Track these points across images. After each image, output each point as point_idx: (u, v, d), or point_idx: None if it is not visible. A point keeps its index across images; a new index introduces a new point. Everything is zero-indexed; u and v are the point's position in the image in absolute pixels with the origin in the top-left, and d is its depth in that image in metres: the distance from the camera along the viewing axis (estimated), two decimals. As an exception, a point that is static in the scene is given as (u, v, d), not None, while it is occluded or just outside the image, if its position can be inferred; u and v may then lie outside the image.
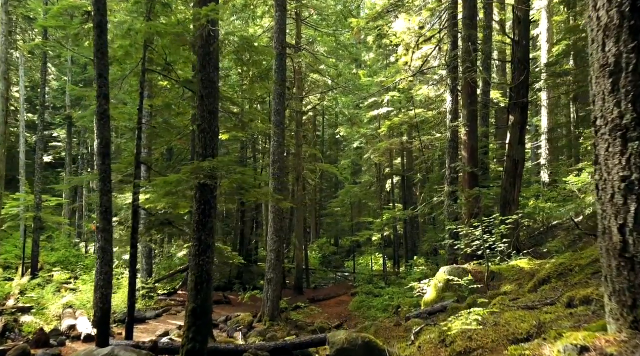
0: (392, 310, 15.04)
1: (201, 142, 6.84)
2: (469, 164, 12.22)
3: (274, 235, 13.96)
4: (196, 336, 6.43)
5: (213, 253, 6.85)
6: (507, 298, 5.09)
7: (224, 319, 13.91)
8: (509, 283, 7.52)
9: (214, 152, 6.84)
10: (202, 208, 6.75)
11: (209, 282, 6.68)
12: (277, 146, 14.09)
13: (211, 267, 6.75)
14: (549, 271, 5.54)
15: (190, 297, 6.58)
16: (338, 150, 41.24)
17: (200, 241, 6.70)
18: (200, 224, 6.73)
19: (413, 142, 22.26)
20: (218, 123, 7.07)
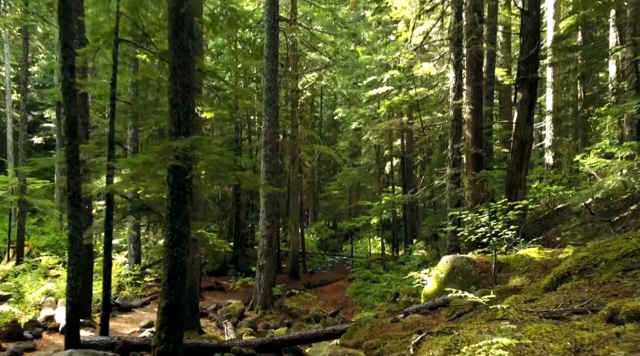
0: (390, 297, 14.42)
1: (173, 119, 6.04)
2: (472, 145, 11.43)
3: (266, 220, 13.26)
4: (169, 336, 5.74)
5: (189, 243, 6.11)
6: (522, 298, 4.38)
7: (213, 307, 13.28)
8: (517, 275, 6.82)
9: (188, 130, 6.05)
10: (175, 193, 5.99)
11: (183, 276, 5.96)
12: (269, 126, 13.28)
13: (187, 259, 6.03)
14: (569, 266, 4.83)
15: (163, 292, 5.88)
16: (336, 131, 40.35)
17: (174, 230, 5.96)
18: (173, 211, 5.98)
19: (413, 123, 21.41)
20: (193, 98, 6.26)
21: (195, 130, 6.16)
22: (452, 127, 12.33)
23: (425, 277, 8.99)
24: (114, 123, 8.09)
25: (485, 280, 7.26)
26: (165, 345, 5.70)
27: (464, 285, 7.36)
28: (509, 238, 8.40)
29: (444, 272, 7.72)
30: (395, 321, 6.60)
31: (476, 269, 7.44)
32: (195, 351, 7.37)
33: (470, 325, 3.77)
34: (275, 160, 13.53)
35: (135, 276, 14.37)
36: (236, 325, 12.04)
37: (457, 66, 12.22)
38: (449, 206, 12.23)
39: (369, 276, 18.02)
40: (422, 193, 13.41)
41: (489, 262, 7.55)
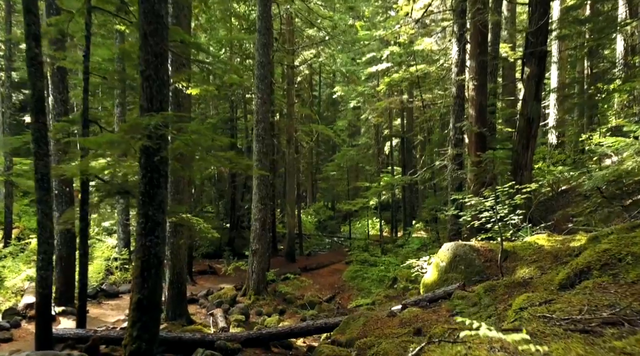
0: (388, 282, 13.97)
1: (145, 93, 5.38)
2: (476, 123, 10.77)
3: (259, 203, 12.68)
4: (142, 334, 5.20)
5: (164, 231, 5.53)
6: (536, 298, 3.81)
7: (204, 293, 12.81)
8: (526, 266, 6.25)
9: (162, 105, 5.39)
10: (148, 176, 5.37)
11: (158, 268, 5.40)
12: (262, 103, 12.59)
13: (162, 249, 5.45)
14: (588, 260, 4.25)
15: (135, 286, 5.32)
16: (335, 110, 39.51)
17: (147, 217, 5.37)
18: (146, 196, 5.38)
19: (414, 101, 20.66)
20: (168, 70, 5.59)
21: (169, 105, 5.51)
22: (454, 105, 11.66)
23: (425, 265, 8.45)
24: (88, 99, 7.42)
25: (490, 269, 6.71)
26: (138, 344, 5.16)
27: (466, 275, 6.82)
28: (514, 224, 7.83)
29: (445, 261, 7.16)
30: (391, 315, 6.07)
31: (480, 258, 6.88)
32: (177, 345, 6.87)
33: (479, 338, 3.20)
34: (268, 139, 12.88)
35: (123, 260, 13.87)
36: (227, 311, 11.59)
37: (460, 39, 11.47)
38: (450, 188, 11.64)
39: (367, 260, 17.55)
40: (422, 175, 12.80)
41: (493, 250, 6.98)
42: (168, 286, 9.76)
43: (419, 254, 14.59)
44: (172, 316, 9.67)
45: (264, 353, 6.78)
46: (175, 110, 9.67)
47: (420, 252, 14.50)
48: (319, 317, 12.20)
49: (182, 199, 9.75)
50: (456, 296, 5.80)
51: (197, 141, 5.31)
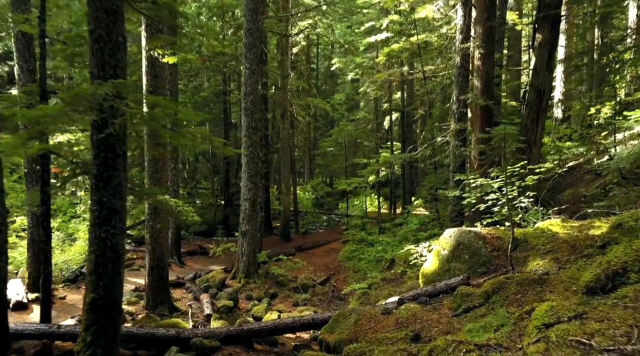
0: (385, 263, 13.33)
1: (95, 58, 4.54)
2: (482, 96, 9.91)
3: (248, 182, 11.91)
4: (97, 340, 4.50)
5: (123, 220, 4.77)
6: (562, 309, 3.08)
7: (191, 276, 12.16)
8: (539, 257, 5.52)
9: (116, 72, 4.56)
10: (101, 156, 4.58)
11: (116, 262, 4.66)
12: (250, 74, 11.67)
13: (120, 240, 4.70)
14: (624, 260, 3.51)
15: (89, 284, 4.59)
16: (334, 83, 38.37)
17: (102, 204, 4.60)
18: (99, 180, 4.59)
19: (414, 73, 19.64)
20: (123, 31, 4.72)
21: (125, 72, 4.66)
22: (458, 76, 10.75)
23: (424, 252, 7.72)
24: (45, 67, 6.55)
25: (498, 260, 5.98)
26: (92, 351, 4.47)
27: (471, 265, 6.09)
28: (524, 208, 7.09)
29: (447, 249, 6.43)
30: (386, 312, 5.37)
31: (486, 246, 6.15)
32: (149, 342, 6.20)
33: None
34: (258, 113, 12.01)
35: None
36: (215, 296, 10.96)
37: (465, 3, 10.48)
38: (452, 166, 10.86)
39: (364, 239, 16.90)
40: (423, 152, 11.99)
41: (501, 238, 6.25)
42: (148, 272, 9.10)
43: (418, 234, 13.93)
44: (152, 304, 9.03)
45: (245, 351, 6.13)
46: (152, 81, 8.82)
47: (420, 233, 13.82)
48: (312, 301, 11.62)
49: (161, 179, 8.98)
50: (460, 292, 5.08)
51: (155, 115, 4.48)
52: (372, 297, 10.66)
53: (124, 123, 4.49)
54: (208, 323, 7.75)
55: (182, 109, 5.23)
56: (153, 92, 8.77)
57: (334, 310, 11.05)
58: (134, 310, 8.98)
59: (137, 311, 8.97)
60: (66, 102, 4.09)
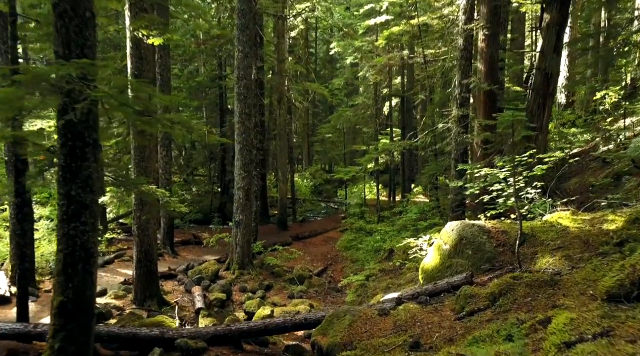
0: (384, 254, 12.96)
1: (60, 36, 4.08)
2: (486, 80, 9.42)
3: (242, 170, 11.48)
4: (67, 347, 4.11)
5: (94, 216, 4.35)
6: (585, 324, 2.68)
7: (184, 267, 11.78)
8: (548, 253, 5.11)
9: (83, 52, 4.10)
10: (69, 146, 4.14)
11: (87, 262, 4.26)
12: (243, 58, 11.15)
13: (91, 238, 4.29)
14: (652, 264, 3.10)
15: (58, 286, 4.19)
16: (333, 68, 37.70)
17: (70, 198, 4.17)
18: (67, 171, 4.17)
19: (415, 57, 19.05)
20: (92, 5, 4.24)
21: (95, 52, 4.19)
22: (460, 59, 10.22)
23: (425, 246, 7.31)
24: (16, 49, 6.07)
25: (503, 256, 5.58)
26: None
27: (474, 261, 5.69)
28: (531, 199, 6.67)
29: (449, 243, 6.02)
30: (383, 314, 4.98)
31: (491, 241, 5.74)
32: (132, 342, 5.83)
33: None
34: (251, 99, 11.51)
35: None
36: (208, 289, 10.61)
37: (470, -19, 9.92)
38: (453, 154, 10.40)
39: (363, 228, 16.53)
40: (423, 139, 11.54)
41: (507, 233, 5.83)
42: (136, 265, 8.71)
43: (418, 224, 13.54)
44: (140, 299, 8.67)
45: (233, 353, 5.76)
46: (138, 64, 8.32)
47: (420, 222, 13.43)
48: (308, 294, 11.28)
49: (148, 168, 8.53)
50: (463, 293, 4.68)
51: (126, 100, 4.02)
52: (370, 290, 10.31)
53: (90, 108, 4.04)
54: (196, 322, 7.38)
55: (158, 94, 4.78)
56: (138, 76, 8.29)
57: (330, 303, 10.74)
58: (121, 304, 8.62)
59: (124, 306, 8.61)
60: (26, 84, 3.64)
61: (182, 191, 24.58)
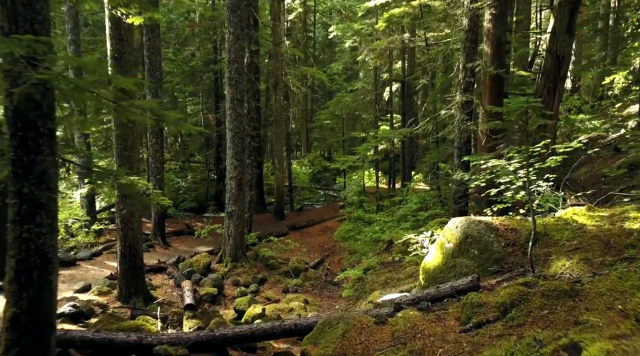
0: (383, 245, 12.49)
1: (5, 9, 3.51)
2: (492, 63, 8.82)
3: (234, 159, 10.94)
4: (21, 364, 3.64)
5: (52, 216, 3.83)
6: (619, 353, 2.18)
7: (174, 260, 11.32)
8: (564, 255, 4.60)
9: (34, 27, 3.53)
10: (19, 136, 3.61)
11: (44, 268, 3.75)
12: (234, 40, 10.53)
13: (49, 241, 3.78)
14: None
15: (9, 295, 3.70)
16: (332, 53, 36.89)
17: (22, 196, 3.65)
18: (18, 166, 3.64)
19: (416, 40, 18.35)
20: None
21: (48, 27, 3.62)
22: (465, 41, 9.61)
23: (426, 242, 6.80)
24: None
25: (513, 257, 5.07)
26: (15, 379, 3.60)
27: (480, 262, 5.19)
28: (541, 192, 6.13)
29: (453, 241, 5.52)
30: (380, 322, 4.49)
31: (499, 240, 5.23)
32: (108, 348, 5.36)
33: None
34: (243, 84, 10.91)
35: (84, 222, 12.29)
36: (199, 282, 10.17)
37: (476, -44, 9.24)
38: (456, 142, 9.85)
39: (361, 217, 16.05)
40: (425, 126, 10.97)
41: (517, 230, 5.32)
42: (119, 259, 8.23)
43: (418, 214, 13.04)
44: (125, 295, 8.21)
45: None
46: (117, 46, 7.74)
47: (420, 213, 12.92)
48: (303, 287, 10.83)
49: (131, 157, 7.99)
50: (470, 301, 4.19)
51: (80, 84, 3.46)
52: (368, 284, 9.86)
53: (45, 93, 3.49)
54: (180, 324, 6.91)
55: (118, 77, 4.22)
56: (119, 58, 7.72)
57: (326, 297, 10.29)
58: (105, 301, 8.15)
59: (108, 302, 8.15)
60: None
61: (178, 178, 24.07)
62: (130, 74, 7.88)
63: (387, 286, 9.36)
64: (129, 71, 7.84)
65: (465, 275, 5.26)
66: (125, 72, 7.79)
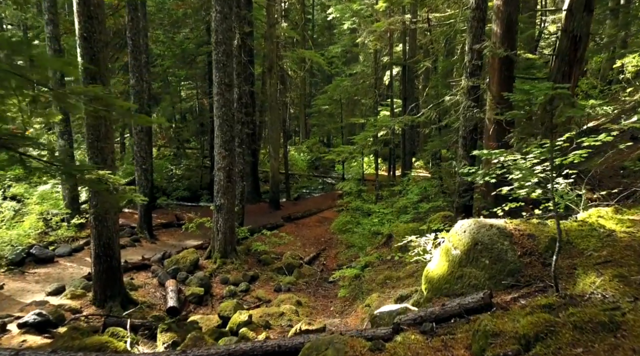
0: (382, 239, 11.84)
1: None
2: (502, 44, 8.02)
3: (222, 148, 10.22)
4: None
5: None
6: None
7: (159, 256, 10.65)
8: (592, 270, 3.91)
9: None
10: None
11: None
12: (221, 19, 9.72)
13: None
14: None
15: None
16: (331, 35, 35.80)
17: None
18: None
19: (417, 22, 17.43)
20: None
21: None
22: (472, 20, 8.80)
23: (429, 246, 6.10)
24: None
25: (531, 269, 4.37)
26: None
27: (492, 274, 4.50)
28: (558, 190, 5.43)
29: (460, 248, 4.82)
30: (376, 349, 3.82)
31: (514, 248, 4.53)
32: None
33: None
34: (231, 67, 10.12)
35: (64, 215, 11.59)
36: (185, 281, 9.54)
37: None
38: (461, 130, 9.10)
39: (360, 208, 15.36)
40: (428, 113, 10.20)
41: (534, 237, 4.61)
42: (93, 260, 7.55)
43: (419, 206, 12.34)
44: (100, 299, 7.56)
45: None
46: (86, 24, 6.94)
47: (421, 204, 12.22)
48: (297, 286, 10.19)
49: (104, 148, 7.27)
50: (483, 327, 3.50)
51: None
52: (365, 283, 9.21)
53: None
54: (153, 338, 6.25)
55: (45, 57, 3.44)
56: (88, 38, 6.93)
57: (321, 297, 9.64)
58: (78, 305, 7.51)
59: (82, 307, 7.50)
60: None
61: (172, 165, 23.34)
62: (102, 56, 7.10)
63: (385, 286, 8.71)
64: (100, 52, 7.06)
65: (474, 288, 4.58)
66: (96, 53, 7.02)
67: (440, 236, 5.85)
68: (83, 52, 6.97)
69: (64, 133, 12.05)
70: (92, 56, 6.99)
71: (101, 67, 7.11)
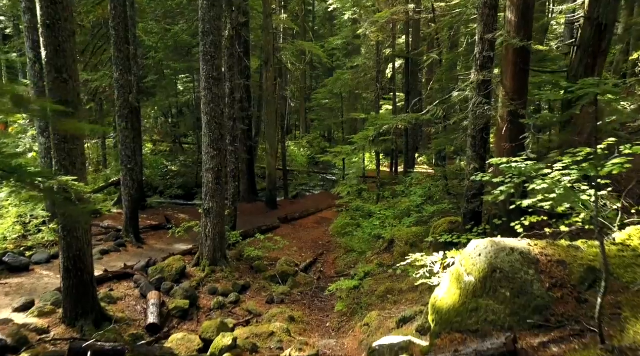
0: (383, 244, 11.08)
1: None
2: (517, 34, 7.20)
3: (210, 148, 9.44)
4: None
5: None
6: None
7: (143, 264, 9.88)
8: (644, 312, 3.12)
9: None
10: None
11: None
12: (209, 7, 8.90)
13: None
14: None
15: None
16: (332, 27, 34.88)
17: None
18: None
19: (422, 11, 16.56)
20: None
21: None
22: (483, 7, 7.94)
23: (437, 268, 5.32)
24: None
25: (563, 306, 3.59)
26: None
27: (515, 310, 3.73)
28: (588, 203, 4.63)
29: (475, 274, 4.05)
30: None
31: (541, 279, 3.75)
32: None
33: None
34: (220, 59, 9.31)
35: (47, 217, 10.86)
36: (170, 292, 8.82)
37: None
38: (470, 129, 8.29)
39: (360, 208, 14.58)
40: (434, 110, 9.40)
41: (565, 264, 3.83)
42: (63, 274, 6.82)
43: (424, 209, 11.56)
44: (71, 317, 6.83)
45: None
46: (49, 10, 6.16)
47: (425, 207, 11.44)
48: (291, 296, 9.45)
49: (72, 150, 6.51)
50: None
51: None
52: (364, 296, 8.47)
53: None
54: None
55: None
56: (51, 26, 6.15)
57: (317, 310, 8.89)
58: (46, 324, 6.77)
59: (50, 326, 6.77)
60: None
61: (167, 162, 22.61)
62: (68, 46, 6.32)
63: (386, 300, 7.96)
64: (66, 42, 6.28)
65: (492, 325, 3.81)
66: (61, 44, 6.25)
67: (450, 255, 5.08)
68: (46, 42, 6.20)
69: (45, 131, 11.29)
70: (57, 46, 6.22)
71: (68, 59, 6.34)
